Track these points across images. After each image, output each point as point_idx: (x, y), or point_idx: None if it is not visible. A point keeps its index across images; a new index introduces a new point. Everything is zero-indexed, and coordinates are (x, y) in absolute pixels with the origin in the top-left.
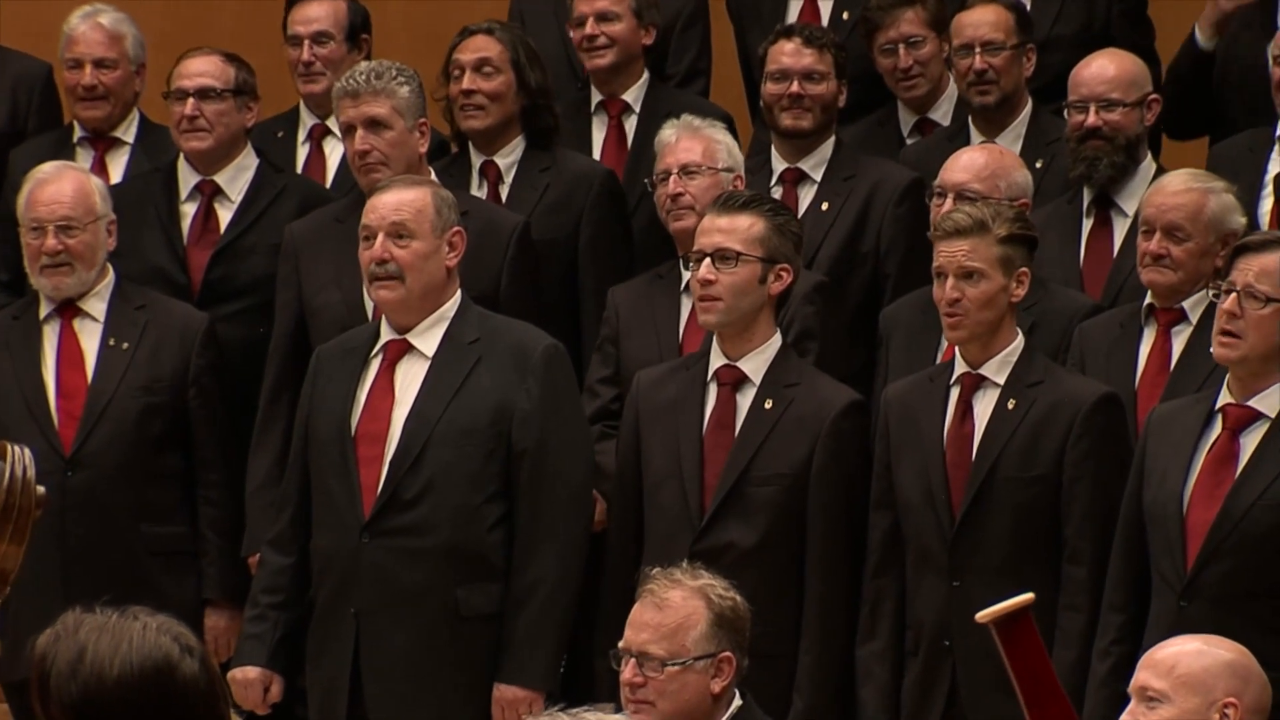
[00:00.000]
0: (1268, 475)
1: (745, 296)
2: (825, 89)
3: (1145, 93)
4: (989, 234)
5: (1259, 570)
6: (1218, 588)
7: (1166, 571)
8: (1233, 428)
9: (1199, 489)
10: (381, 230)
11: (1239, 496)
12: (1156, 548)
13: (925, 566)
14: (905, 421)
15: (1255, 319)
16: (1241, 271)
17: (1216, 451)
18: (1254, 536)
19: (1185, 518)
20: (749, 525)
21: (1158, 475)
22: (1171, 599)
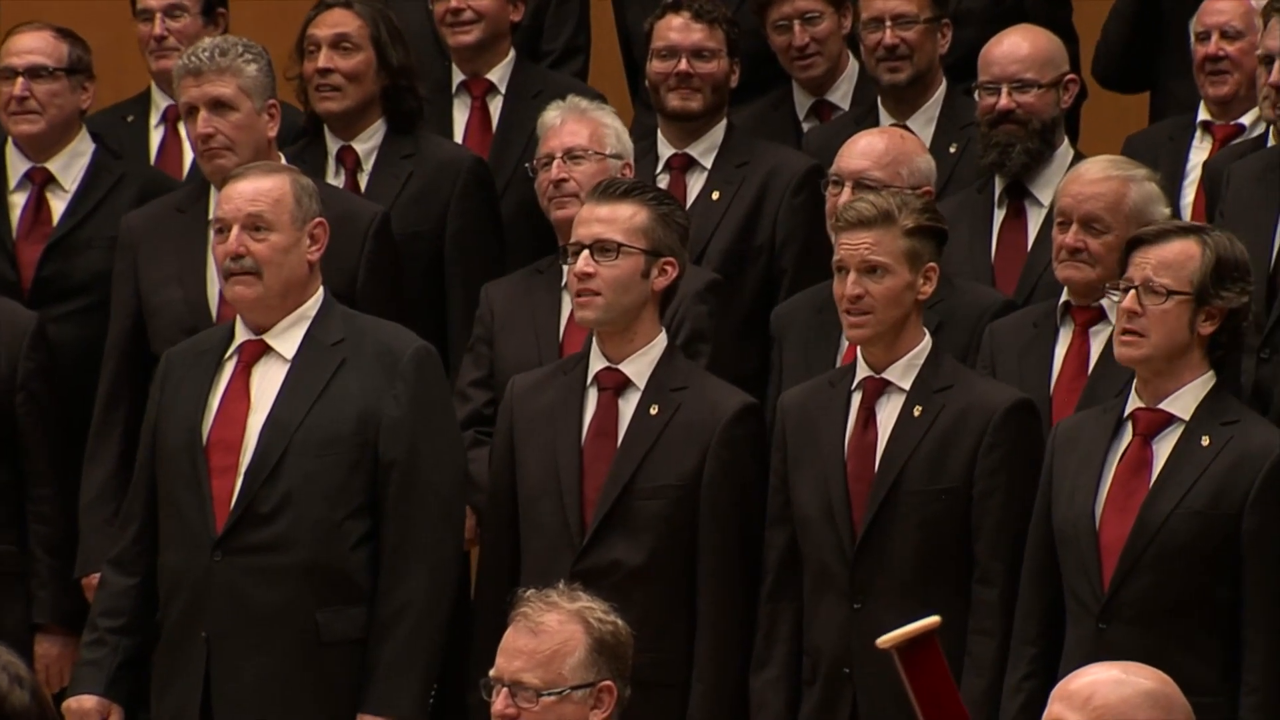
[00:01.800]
0: (1184, 482)
1: (626, 292)
2: (715, 67)
3: (1062, 73)
4: (895, 225)
5: (1181, 584)
6: (1138, 606)
7: (1082, 593)
8: (1144, 434)
9: (1111, 502)
10: (236, 223)
11: (1154, 506)
12: (1070, 569)
13: (824, 587)
14: (803, 430)
15: (1157, 315)
16: (1138, 266)
17: (1128, 460)
18: (1173, 548)
19: (1098, 534)
20: (634, 542)
21: (1066, 493)
22: (1089, 623)
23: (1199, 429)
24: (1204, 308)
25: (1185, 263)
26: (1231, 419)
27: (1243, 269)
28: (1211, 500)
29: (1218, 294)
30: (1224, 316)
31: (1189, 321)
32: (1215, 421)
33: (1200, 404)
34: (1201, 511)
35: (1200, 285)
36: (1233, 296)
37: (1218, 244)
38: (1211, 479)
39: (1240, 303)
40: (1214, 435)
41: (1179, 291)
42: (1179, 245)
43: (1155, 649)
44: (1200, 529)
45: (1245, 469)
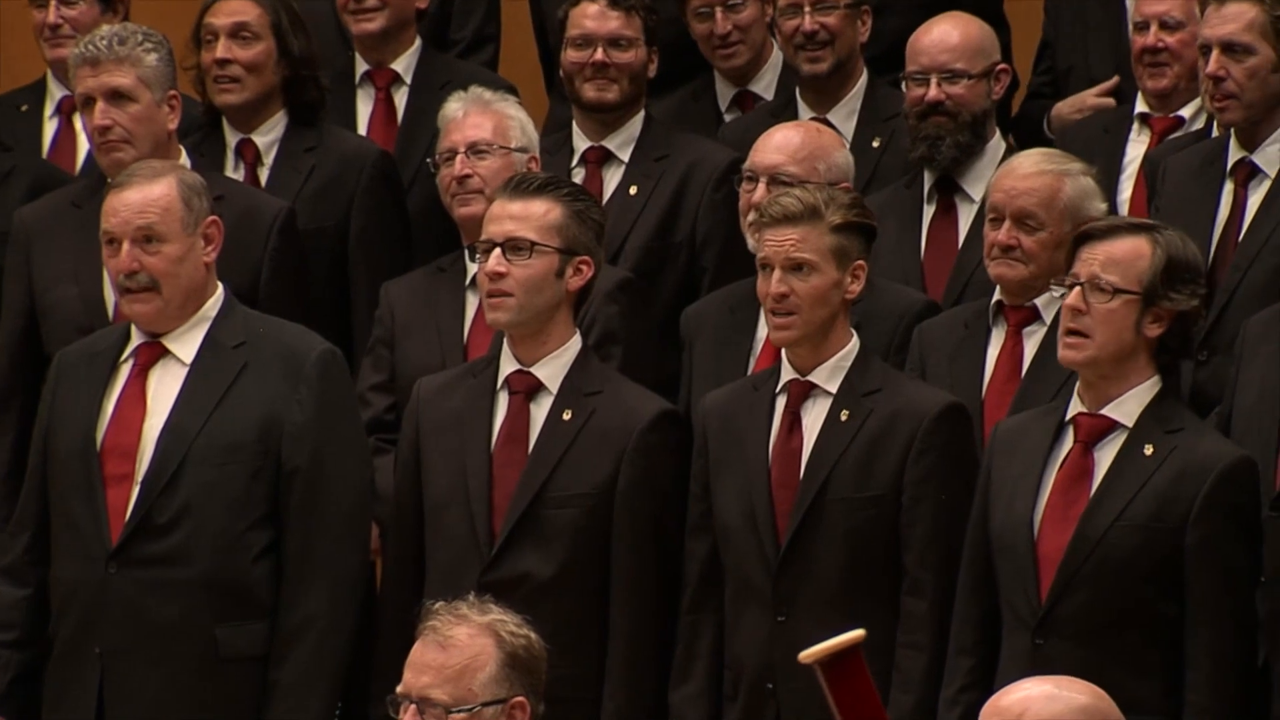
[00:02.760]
0: (1126, 492)
1: (540, 292)
2: (633, 57)
3: (993, 62)
4: (822, 221)
5: (1121, 599)
6: (1076, 622)
7: (1018, 606)
8: (1085, 440)
9: (1050, 511)
10: (126, 237)
11: (1095, 517)
12: (1006, 580)
13: (746, 599)
14: (725, 435)
15: (1102, 314)
16: (1085, 263)
17: (1068, 468)
18: (1113, 562)
19: (1036, 544)
20: (546, 553)
21: (1005, 498)
22: (1025, 637)
23: (1142, 437)
24: (1152, 309)
25: (1135, 261)
26: (1176, 427)
27: (1194, 270)
28: (1154, 513)
29: (1167, 295)
30: (1172, 319)
31: (1135, 323)
32: (1160, 429)
33: (1144, 410)
34: (1143, 524)
35: (1149, 285)
36: (1182, 299)
37: (1170, 243)
38: (1154, 490)
39: (1190, 305)
40: (1158, 444)
41: (1127, 290)
42: (1129, 242)
43: (1094, 666)
44: (1142, 542)
45: (1189, 480)
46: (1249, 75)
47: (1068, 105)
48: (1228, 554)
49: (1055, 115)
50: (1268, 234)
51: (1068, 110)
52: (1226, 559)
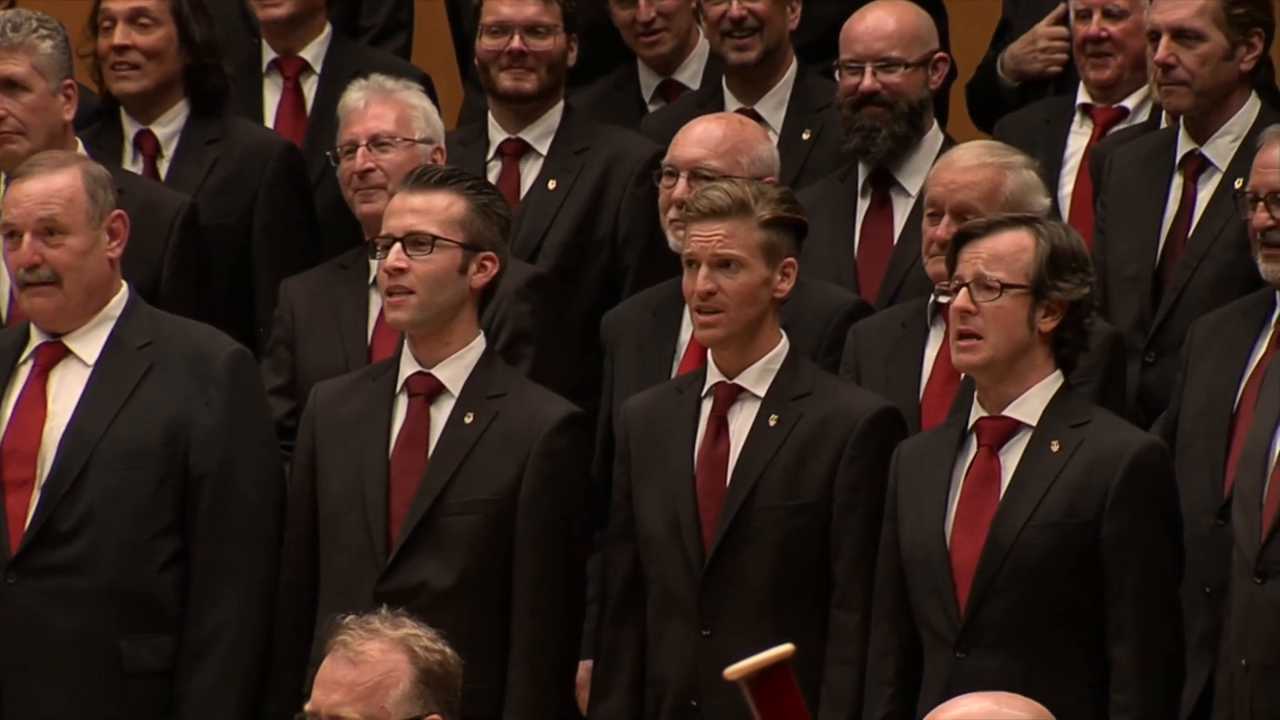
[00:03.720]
0: (1035, 491)
1: (442, 290)
2: (552, 45)
3: (930, 50)
4: (751, 216)
5: (1042, 602)
6: (996, 630)
7: (936, 622)
8: (989, 444)
9: (960, 520)
10: (28, 229)
11: (1005, 521)
12: (922, 597)
13: (670, 612)
14: (649, 440)
15: (993, 312)
16: (968, 263)
17: (974, 474)
18: (1030, 564)
19: (949, 555)
20: (445, 562)
21: (913, 515)
22: (945, 653)
23: (1047, 434)
24: (1043, 301)
25: (1019, 254)
26: (1081, 420)
27: (1080, 259)
28: (1066, 509)
29: (1056, 286)
30: (1065, 310)
31: (1028, 318)
32: (1064, 424)
33: (1047, 407)
34: (1056, 522)
35: (1037, 277)
36: (1072, 288)
37: (1052, 233)
38: (1065, 486)
39: (1081, 294)
40: (1064, 439)
41: (1014, 285)
42: (1010, 236)
43: (1020, 675)
44: (1057, 541)
45: (1100, 472)
46: (1200, 62)
47: (1019, 44)
48: (1146, 543)
49: (1009, 55)
50: (1219, 230)
51: (1020, 48)
52: (1146, 549)
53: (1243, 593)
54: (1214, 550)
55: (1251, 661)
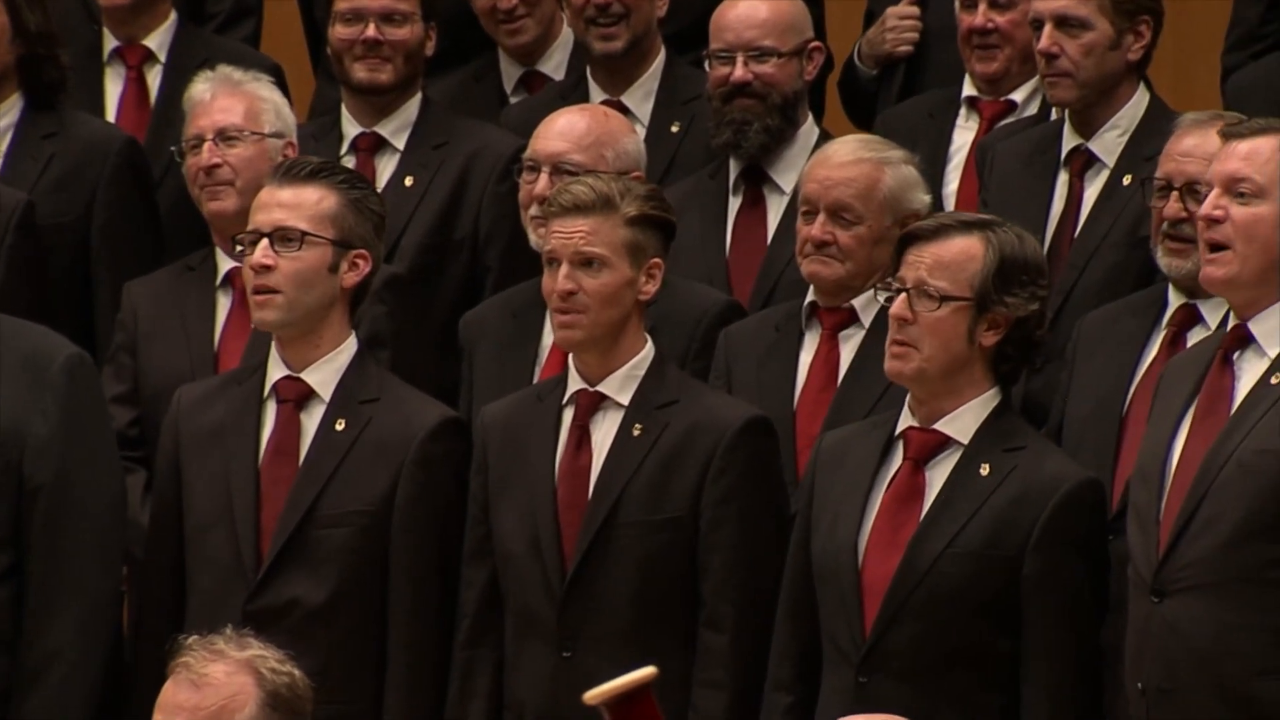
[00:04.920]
0: (959, 516)
1: (311, 288)
2: (409, 33)
3: (804, 39)
4: (616, 213)
5: (953, 634)
6: (902, 658)
7: (840, 639)
8: (916, 457)
9: (876, 536)
10: None
11: (924, 543)
12: (828, 610)
13: (529, 632)
14: (507, 451)
15: (930, 324)
16: (911, 266)
17: (896, 488)
18: (944, 593)
19: (861, 572)
20: (317, 577)
21: (828, 521)
22: (847, 673)
23: (978, 455)
24: (986, 315)
25: (965, 263)
26: (1016, 445)
27: (1033, 270)
28: (989, 539)
29: (1002, 300)
30: (1010, 325)
31: (967, 331)
32: (997, 447)
33: (981, 426)
34: (978, 552)
35: (981, 290)
36: (1019, 302)
37: (1004, 242)
38: (990, 515)
39: (1030, 310)
40: (995, 463)
41: (956, 297)
42: (959, 243)
43: (923, 707)
44: (975, 572)
45: (1029, 504)
46: (1084, 52)
47: (873, 29)
48: (1069, 586)
49: (864, 42)
50: (1106, 228)
51: (873, 33)
52: (1068, 591)
53: (1139, 613)
54: None
55: (1148, 685)
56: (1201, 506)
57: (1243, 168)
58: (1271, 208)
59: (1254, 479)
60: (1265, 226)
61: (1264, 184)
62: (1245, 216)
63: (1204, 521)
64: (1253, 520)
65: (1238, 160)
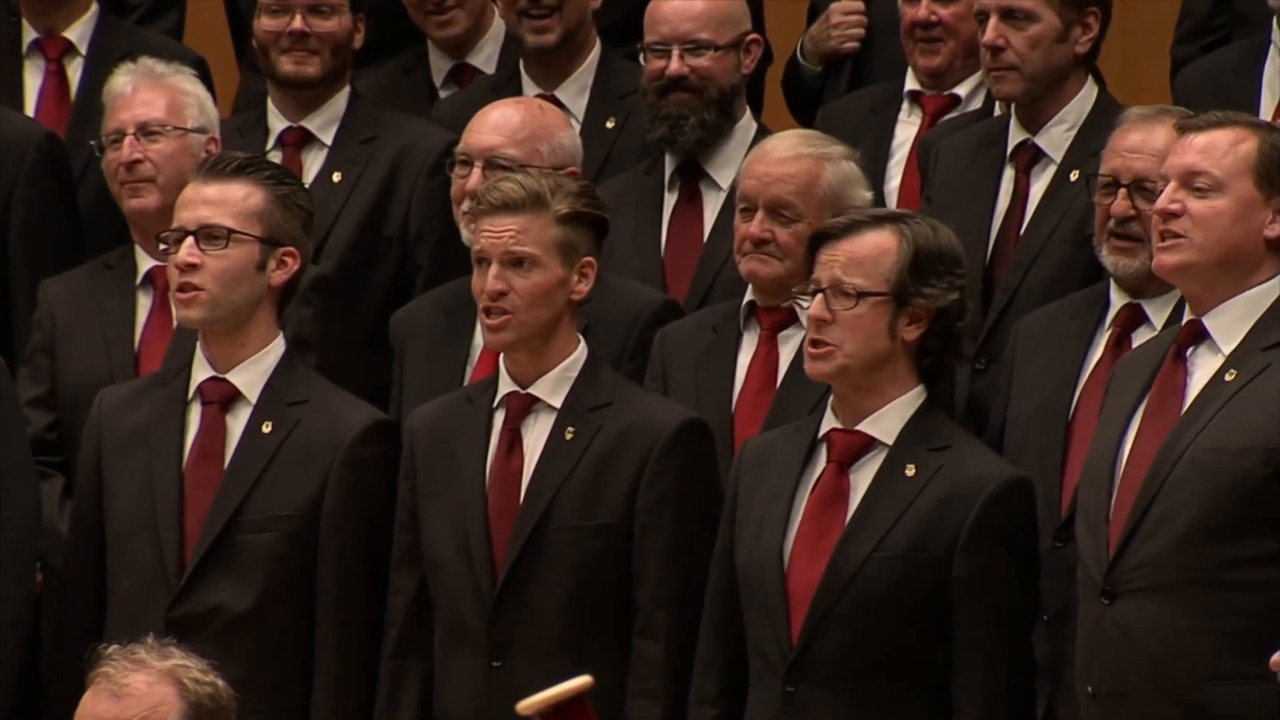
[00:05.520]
0: (885, 519)
1: (237, 287)
2: (336, 25)
3: (742, 32)
4: (546, 211)
5: (881, 640)
6: (830, 665)
7: (767, 648)
8: (840, 460)
9: (801, 541)
10: None
11: (850, 547)
12: (753, 619)
13: (458, 642)
14: (436, 455)
15: (849, 321)
16: (825, 266)
17: (821, 492)
18: (871, 597)
19: (786, 578)
20: (242, 583)
21: (752, 527)
22: (774, 683)
23: (904, 456)
24: (906, 309)
25: (880, 258)
26: (942, 444)
27: (950, 260)
28: (917, 541)
29: (920, 292)
30: (931, 318)
31: (888, 327)
32: (923, 447)
33: (906, 426)
34: (905, 554)
35: (898, 283)
36: (938, 294)
37: (917, 234)
38: (917, 516)
39: (949, 300)
40: (921, 463)
41: (873, 292)
42: (872, 238)
43: (852, 715)
44: (903, 575)
45: (956, 504)
46: (1030, 45)
47: (816, 25)
48: (1000, 587)
49: (807, 38)
50: (1053, 226)
51: (816, 29)
52: (999, 593)
53: (1089, 615)
54: (1052, 574)
55: (1099, 689)
56: (1153, 506)
57: (1200, 161)
58: (1229, 201)
59: (1207, 477)
60: (1223, 220)
61: (1221, 178)
62: (1203, 210)
63: (1156, 521)
64: (1206, 520)
65: (1195, 153)
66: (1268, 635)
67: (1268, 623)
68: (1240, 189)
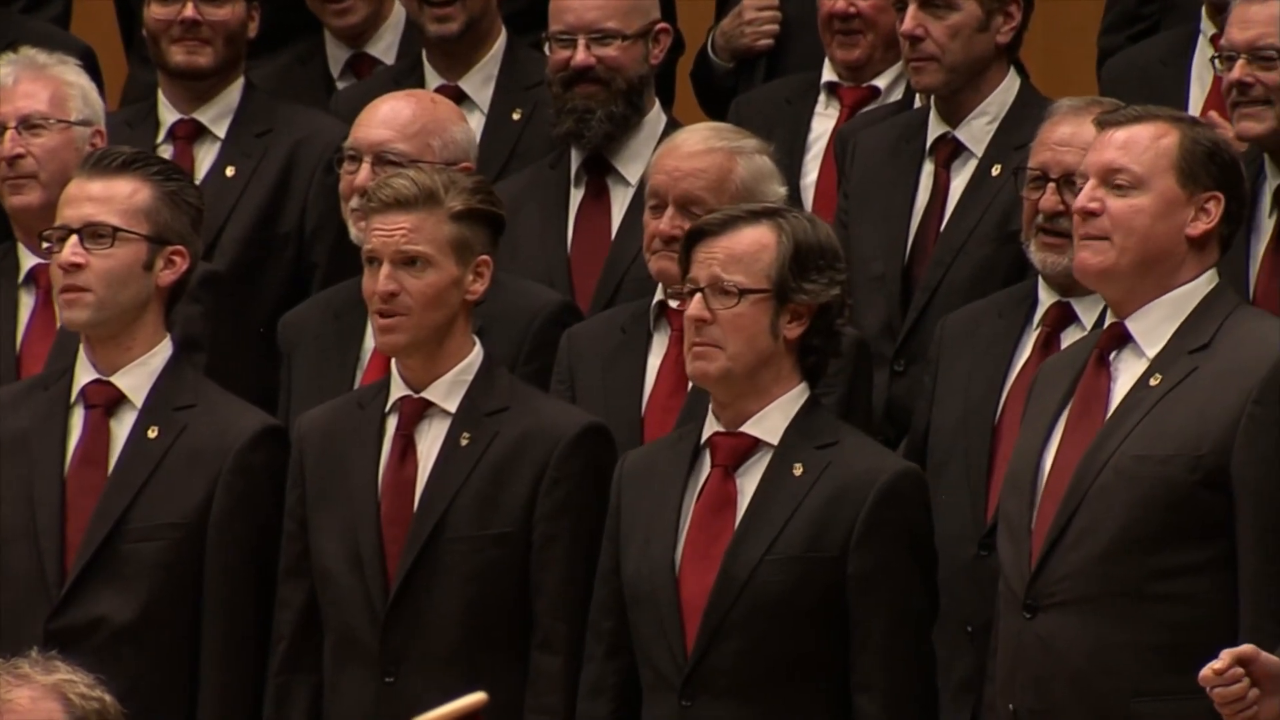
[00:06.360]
0: (776, 520)
1: (124, 287)
2: (229, 14)
3: (650, 21)
4: (440, 208)
5: (780, 646)
6: (728, 675)
7: (660, 663)
8: (725, 464)
9: (691, 549)
10: None
11: (741, 552)
12: (645, 634)
13: (349, 656)
14: (326, 462)
15: (731, 320)
16: (702, 264)
17: (707, 498)
18: (767, 602)
19: (678, 590)
20: (126, 594)
21: (639, 542)
22: (670, 698)
23: (790, 455)
24: (788, 306)
25: (759, 254)
26: (829, 441)
27: (829, 254)
28: (809, 541)
29: (801, 288)
30: (813, 314)
31: (771, 325)
32: (809, 445)
33: (790, 424)
34: (799, 556)
35: (779, 279)
36: (820, 289)
37: (796, 228)
38: (808, 516)
39: (830, 295)
40: (808, 462)
41: (754, 290)
42: (750, 234)
43: None
44: (798, 577)
45: (847, 501)
46: (951, 34)
47: (728, 19)
48: (897, 583)
49: (718, 33)
50: (974, 222)
51: (728, 24)
52: (896, 589)
53: (1010, 630)
54: (976, 583)
55: (1020, 706)
56: (1076, 516)
57: (1119, 158)
58: (1150, 199)
59: (1132, 487)
60: (1144, 218)
61: (1142, 174)
62: (1123, 209)
63: (1079, 532)
64: (1131, 530)
65: (1114, 150)
66: (1195, 649)
67: (1195, 636)
68: (1162, 186)
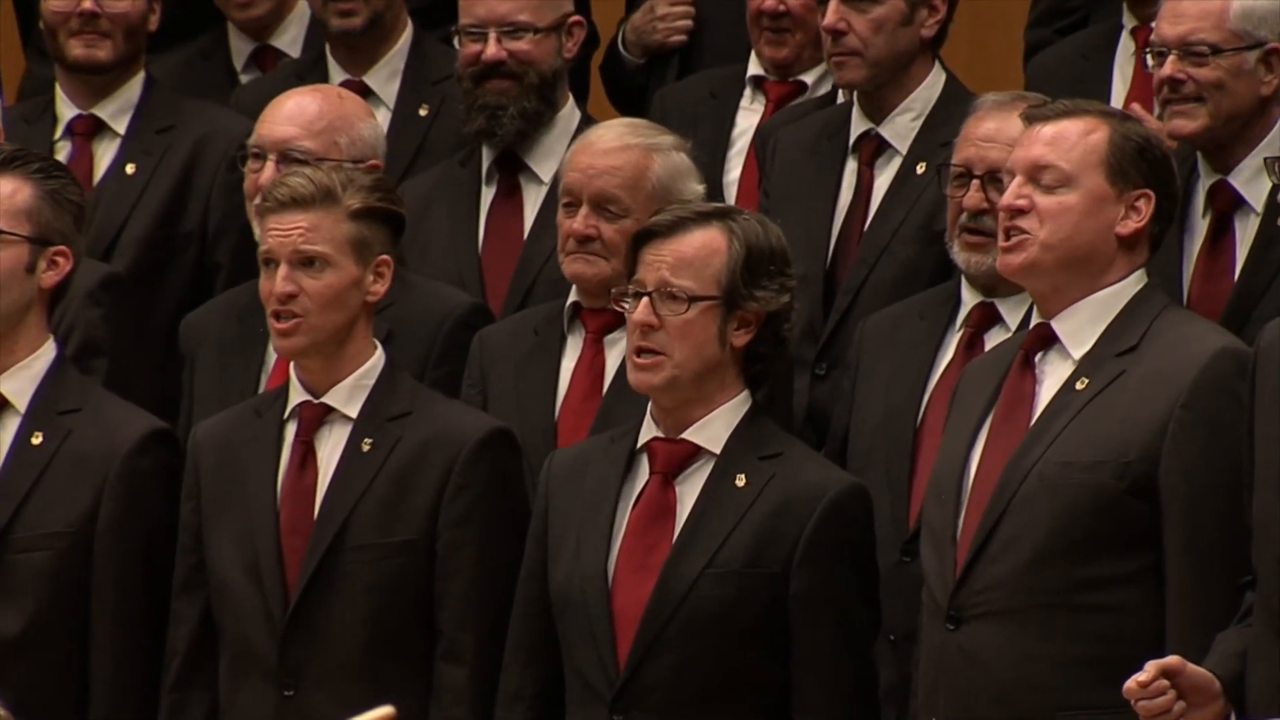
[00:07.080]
0: (716, 534)
1: (7, 291)
2: (130, 6)
3: (563, 14)
4: (338, 207)
5: (717, 663)
6: (662, 691)
7: (591, 675)
8: (664, 471)
9: (626, 559)
10: None
11: (680, 564)
12: (575, 644)
13: (246, 669)
14: (223, 471)
15: (679, 328)
16: (650, 267)
17: (645, 505)
18: (705, 618)
19: (610, 600)
20: (11, 607)
21: (569, 547)
22: (599, 711)
23: (732, 465)
24: (736, 313)
25: (709, 258)
26: (773, 452)
27: (780, 260)
28: (751, 556)
29: (751, 295)
30: (761, 322)
31: (719, 332)
32: (753, 455)
33: (734, 433)
34: (739, 570)
35: (730, 285)
36: (770, 296)
37: (748, 231)
38: (750, 529)
39: (780, 303)
40: (752, 473)
41: (704, 296)
42: (700, 236)
43: None
44: (738, 592)
45: (791, 516)
46: (874, 28)
47: (639, 13)
48: (841, 601)
49: (629, 27)
50: (899, 221)
51: (640, 19)
52: (839, 607)
53: (933, 641)
54: (899, 591)
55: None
56: (1001, 524)
57: (1047, 154)
58: (1078, 196)
59: (1057, 494)
60: (1072, 216)
61: (1070, 171)
62: (1050, 206)
63: (1004, 541)
64: (1056, 539)
65: (1042, 146)
66: (1122, 661)
67: (1123, 648)
68: (1090, 183)
